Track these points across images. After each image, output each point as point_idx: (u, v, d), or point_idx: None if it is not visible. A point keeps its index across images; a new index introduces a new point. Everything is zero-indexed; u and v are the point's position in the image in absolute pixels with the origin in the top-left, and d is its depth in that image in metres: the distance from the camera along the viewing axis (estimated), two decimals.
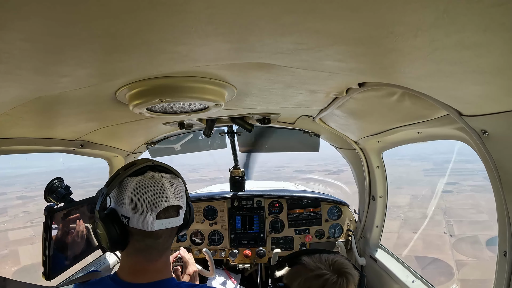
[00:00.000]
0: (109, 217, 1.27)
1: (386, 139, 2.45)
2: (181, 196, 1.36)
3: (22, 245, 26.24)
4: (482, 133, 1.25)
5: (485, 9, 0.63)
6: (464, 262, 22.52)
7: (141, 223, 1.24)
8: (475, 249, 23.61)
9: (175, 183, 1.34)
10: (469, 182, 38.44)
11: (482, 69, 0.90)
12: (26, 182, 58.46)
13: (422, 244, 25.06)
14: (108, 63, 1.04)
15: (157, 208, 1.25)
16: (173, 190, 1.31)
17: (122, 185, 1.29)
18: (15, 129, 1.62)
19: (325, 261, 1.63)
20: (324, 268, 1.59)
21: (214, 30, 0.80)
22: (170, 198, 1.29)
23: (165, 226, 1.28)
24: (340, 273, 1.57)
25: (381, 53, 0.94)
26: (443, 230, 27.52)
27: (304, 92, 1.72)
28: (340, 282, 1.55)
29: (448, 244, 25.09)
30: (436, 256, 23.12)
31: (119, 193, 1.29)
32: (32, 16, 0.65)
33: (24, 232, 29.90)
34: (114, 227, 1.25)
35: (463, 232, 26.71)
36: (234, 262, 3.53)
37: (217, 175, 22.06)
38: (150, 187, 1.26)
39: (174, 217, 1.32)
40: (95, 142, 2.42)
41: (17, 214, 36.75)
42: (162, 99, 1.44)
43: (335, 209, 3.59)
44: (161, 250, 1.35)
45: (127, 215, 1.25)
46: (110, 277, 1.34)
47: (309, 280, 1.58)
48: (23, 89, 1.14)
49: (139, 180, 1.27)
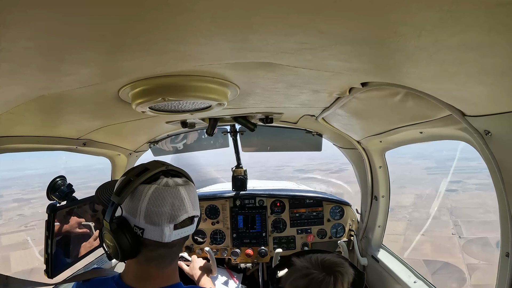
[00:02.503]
0: (120, 228, 1.19)
1: (389, 139, 2.45)
2: (197, 205, 1.31)
3: (14, 250, 25.27)
4: (485, 134, 1.24)
5: (490, 10, 0.63)
6: (476, 265, 21.56)
7: (157, 235, 1.18)
8: (486, 251, 22.72)
9: (191, 190, 1.28)
10: (473, 181, 37.60)
11: (486, 69, 0.90)
12: (24, 184, 58.08)
13: (430, 247, 24.10)
14: (112, 62, 1.04)
15: (176, 220, 1.19)
16: (190, 200, 1.25)
17: (136, 194, 1.20)
18: (18, 127, 1.63)
19: (314, 261, 1.65)
20: (311, 268, 1.61)
21: (218, 30, 0.80)
22: (189, 209, 1.23)
23: (181, 235, 1.24)
24: (328, 272, 1.58)
25: (384, 53, 0.94)
26: (451, 231, 26.71)
27: (307, 92, 1.72)
28: (327, 280, 1.55)
29: (457, 247, 24.20)
30: (446, 260, 22.20)
31: (132, 202, 1.20)
32: (36, 15, 0.65)
33: (17, 236, 28.77)
34: (127, 238, 1.18)
35: (472, 233, 25.84)
36: (236, 261, 3.53)
37: (216, 175, 22.18)
38: (168, 198, 1.19)
39: (189, 226, 1.27)
40: (97, 141, 2.43)
41: (12, 218, 35.66)
42: (165, 98, 1.44)
43: (337, 209, 3.58)
44: (173, 258, 1.31)
45: (142, 226, 1.18)
46: (114, 279, 1.29)
47: (296, 280, 1.60)
48: (27, 87, 1.14)
49: (155, 189, 1.19)
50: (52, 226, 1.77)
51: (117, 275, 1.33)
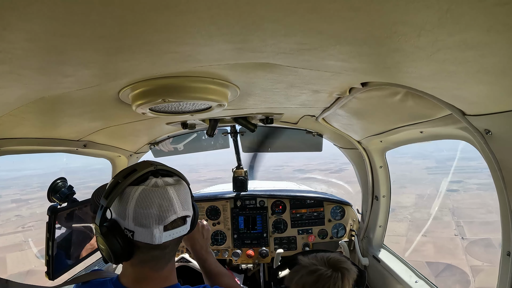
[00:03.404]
0: (111, 231, 1.19)
1: (389, 139, 2.45)
2: (188, 204, 1.29)
3: (11, 252, 24.73)
4: (485, 133, 1.24)
5: (489, 9, 0.63)
6: (480, 267, 20.82)
7: (147, 237, 1.17)
8: (489, 252, 22.12)
9: (180, 189, 1.26)
10: (474, 180, 37.15)
11: (485, 69, 0.90)
12: (23, 185, 57.80)
13: (433, 248, 23.43)
14: (112, 63, 1.04)
15: (164, 221, 1.18)
16: (179, 200, 1.23)
17: (124, 196, 1.19)
18: (19, 129, 1.63)
19: (320, 259, 1.66)
20: (319, 264, 1.62)
21: (217, 31, 0.80)
22: (178, 210, 1.21)
23: (173, 237, 1.22)
24: (335, 268, 1.59)
25: (384, 53, 0.94)
26: (454, 232, 26.05)
27: (307, 92, 1.72)
28: (335, 276, 1.56)
29: (460, 248, 23.53)
30: (450, 261, 21.47)
31: (120, 205, 1.19)
32: (35, 17, 0.65)
33: (14, 237, 28.31)
34: (118, 241, 1.18)
35: (475, 234, 25.17)
36: (237, 262, 3.53)
37: (215, 175, 21.60)
38: (155, 199, 1.17)
39: (181, 226, 1.25)
40: (98, 142, 2.43)
41: (9, 218, 35.16)
42: (165, 99, 1.44)
43: (338, 209, 3.58)
44: (168, 259, 1.30)
45: (131, 229, 1.17)
46: (112, 281, 1.29)
47: (304, 277, 1.61)
48: (27, 89, 1.14)
49: (142, 190, 1.18)
50: (53, 228, 1.77)
51: (115, 277, 1.33)
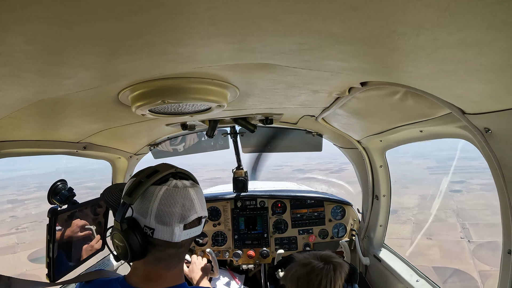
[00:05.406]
0: (131, 228, 1.21)
1: (389, 138, 2.45)
2: (204, 206, 1.34)
3: (2, 254, 24.27)
4: (485, 131, 1.24)
5: (488, 7, 0.63)
6: (488, 272, 20.23)
7: (167, 235, 1.20)
8: (497, 256, 20.71)
9: (198, 191, 1.32)
10: (476, 181, 36.80)
11: (485, 67, 0.90)
12: (20, 185, 57.63)
13: (439, 252, 22.88)
14: (111, 65, 1.04)
15: (186, 220, 1.22)
16: (199, 201, 1.29)
17: (146, 194, 1.22)
18: (18, 131, 1.63)
19: (313, 254, 1.80)
20: (311, 258, 1.75)
21: (216, 31, 0.80)
22: (198, 209, 1.27)
23: (189, 236, 1.26)
24: (327, 262, 1.72)
25: (383, 52, 0.94)
26: (460, 235, 25.58)
27: (306, 92, 1.72)
28: (327, 267, 1.69)
29: (467, 252, 22.97)
30: (457, 266, 20.97)
31: (142, 203, 1.22)
32: (34, 19, 0.65)
33: (7, 239, 28.04)
34: (137, 238, 1.20)
35: (481, 237, 24.66)
36: (238, 263, 3.53)
37: (214, 175, 21.43)
38: (179, 199, 1.22)
39: (197, 226, 1.30)
40: (98, 144, 2.43)
41: (4, 220, 34.71)
42: (165, 101, 1.44)
43: (339, 208, 3.58)
44: (181, 258, 1.34)
45: (152, 226, 1.20)
46: (119, 281, 1.30)
47: (298, 270, 1.73)
48: (26, 91, 1.14)
49: (165, 190, 1.22)
50: (54, 230, 1.77)
51: (121, 276, 1.34)
